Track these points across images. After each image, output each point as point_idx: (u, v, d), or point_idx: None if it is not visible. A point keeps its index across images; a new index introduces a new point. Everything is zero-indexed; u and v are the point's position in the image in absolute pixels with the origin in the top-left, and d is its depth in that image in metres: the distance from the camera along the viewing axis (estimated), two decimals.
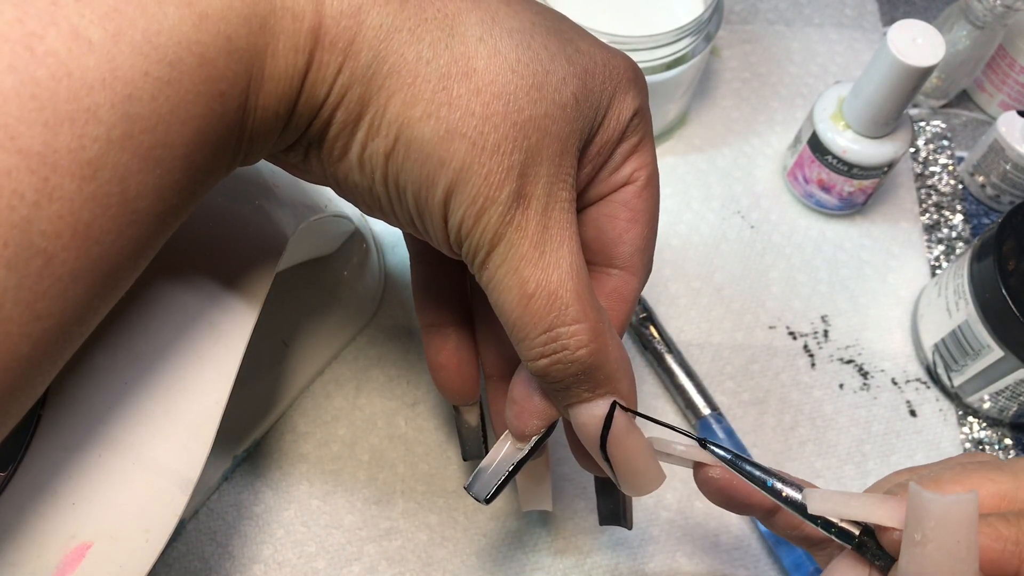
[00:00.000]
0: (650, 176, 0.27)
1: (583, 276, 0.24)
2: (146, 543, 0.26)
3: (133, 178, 0.19)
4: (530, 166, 0.22)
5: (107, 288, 0.20)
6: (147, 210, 0.19)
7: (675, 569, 0.39)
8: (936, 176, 0.50)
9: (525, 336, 0.24)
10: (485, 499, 0.27)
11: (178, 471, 0.27)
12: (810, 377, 0.44)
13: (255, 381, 0.40)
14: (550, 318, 0.23)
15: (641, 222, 0.27)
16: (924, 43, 0.39)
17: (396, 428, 0.41)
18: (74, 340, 0.20)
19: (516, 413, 0.27)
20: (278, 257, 0.30)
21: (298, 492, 0.39)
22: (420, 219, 0.24)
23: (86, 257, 0.18)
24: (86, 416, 0.25)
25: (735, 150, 0.50)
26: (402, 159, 0.22)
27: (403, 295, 0.45)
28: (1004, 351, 0.38)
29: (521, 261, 0.23)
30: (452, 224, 0.23)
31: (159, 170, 0.19)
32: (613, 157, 0.26)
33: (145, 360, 0.26)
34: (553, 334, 0.23)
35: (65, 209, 0.17)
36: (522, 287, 0.23)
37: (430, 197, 0.23)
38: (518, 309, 0.23)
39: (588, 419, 0.25)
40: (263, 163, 0.32)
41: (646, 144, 0.27)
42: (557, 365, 0.24)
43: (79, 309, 0.19)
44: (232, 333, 0.28)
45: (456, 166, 0.22)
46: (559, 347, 0.23)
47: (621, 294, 0.27)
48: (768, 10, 0.56)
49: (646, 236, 0.27)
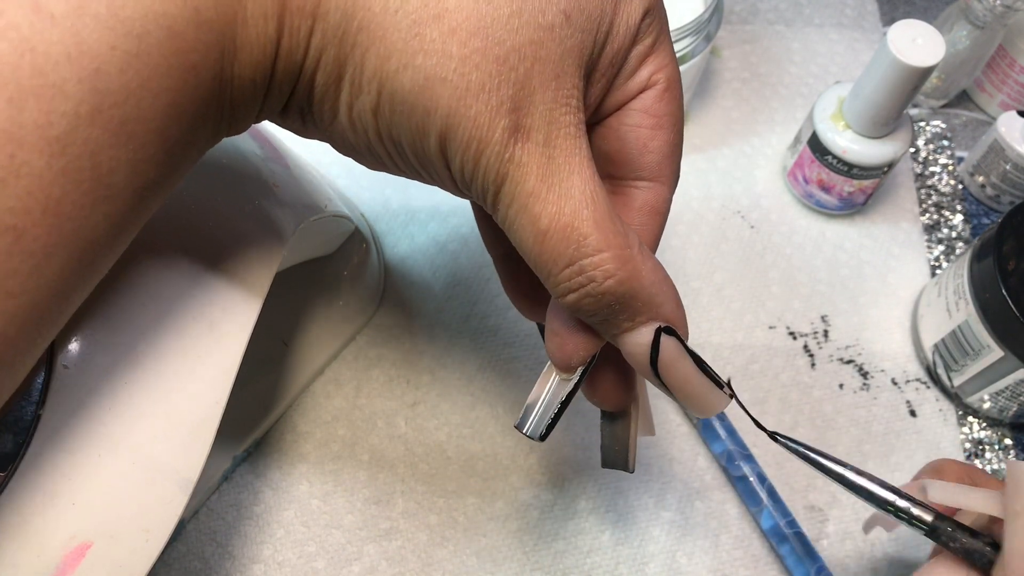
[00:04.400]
0: (670, 78, 0.25)
1: (601, 201, 0.22)
2: (146, 543, 0.26)
3: (105, 153, 0.18)
4: (522, 98, 0.21)
5: (84, 265, 0.20)
6: (122, 185, 0.19)
7: (675, 569, 0.39)
8: (936, 176, 0.50)
9: (548, 273, 0.23)
10: (540, 436, 0.26)
11: (178, 471, 0.27)
12: (810, 377, 0.44)
13: (255, 381, 0.40)
14: (570, 252, 0.22)
15: (666, 127, 0.25)
16: (924, 43, 0.39)
17: (396, 428, 0.41)
18: (53, 318, 0.20)
19: (558, 344, 0.26)
20: (278, 257, 0.30)
21: (298, 492, 0.39)
22: (424, 170, 0.23)
23: (58, 233, 0.18)
24: (86, 416, 0.25)
25: (735, 150, 0.50)
26: (389, 114, 0.21)
27: (403, 295, 0.45)
28: (1004, 351, 0.38)
29: (529, 198, 0.22)
30: (454, 171, 0.22)
31: (132, 144, 0.19)
32: (627, 62, 0.24)
33: (145, 360, 0.26)
34: (576, 267, 0.22)
35: (34, 185, 0.17)
36: (535, 224, 0.22)
37: (426, 148, 0.22)
38: (536, 247, 0.22)
39: (634, 348, 0.24)
40: (263, 163, 0.33)
41: (662, 44, 0.25)
42: (587, 299, 0.23)
43: (55, 286, 0.19)
44: (232, 333, 0.28)
45: (443, 112, 0.21)
46: (585, 280, 0.22)
47: (653, 207, 0.26)
48: (768, 10, 0.56)
49: (673, 142, 0.26)
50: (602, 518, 0.40)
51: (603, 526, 0.39)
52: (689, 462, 0.41)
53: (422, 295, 0.44)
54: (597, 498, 0.40)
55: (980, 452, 0.42)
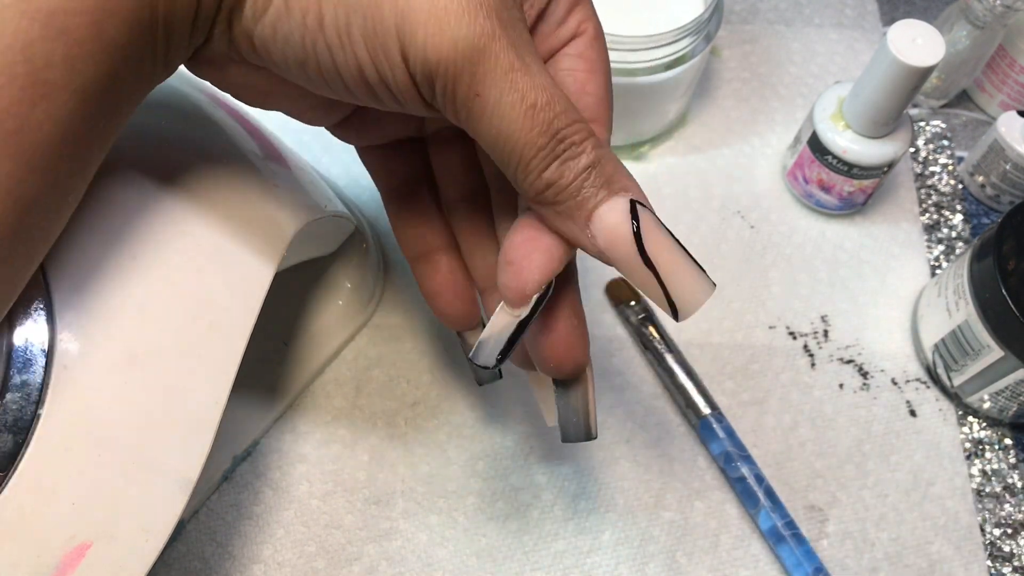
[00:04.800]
0: (597, 27, 0.26)
1: (559, 86, 0.23)
2: (146, 543, 0.26)
3: (37, 46, 0.18)
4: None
5: (37, 171, 0.19)
6: (59, 83, 0.19)
7: (675, 569, 0.39)
8: (936, 176, 0.50)
9: (537, 149, 0.22)
10: (496, 359, 0.26)
11: (178, 471, 0.27)
12: (810, 377, 0.44)
13: (255, 381, 0.40)
14: (555, 123, 0.22)
15: (600, 71, 0.26)
16: (924, 43, 0.39)
17: (396, 428, 0.41)
18: (18, 232, 0.20)
19: (514, 272, 0.25)
20: (278, 257, 0.30)
21: (298, 492, 0.39)
22: (374, 65, 0.22)
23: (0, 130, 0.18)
24: (85, 416, 0.25)
25: (735, 150, 0.50)
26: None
27: (403, 295, 0.45)
28: (1004, 351, 0.38)
29: (514, 73, 0.21)
30: (415, 53, 0.21)
31: (65, 38, 0.19)
32: (555, 10, 0.25)
33: (145, 360, 0.26)
34: (559, 135, 0.22)
35: None
36: (524, 99, 0.21)
37: (378, 24, 0.20)
38: (526, 124, 0.22)
39: (616, 217, 0.23)
40: (263, 163, 0.33)
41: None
42: (568, 163, 0.22)
43: (6, 191, 0.19)
44: (232, 333, 0.28)
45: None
46: (567, 144, 0.22)
47: None
48: (768, 10, 0.56)
49: (606, 86, 0.26)
50: (602, 518, 0.40)
51: (603, 526, 0.39)
52: (689, 462, 0.41)
53: (422, 295, 0.44)
54: (597, 498, 0.40)
55: (980, 452, 0.42)
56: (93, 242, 0.26)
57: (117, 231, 0.26)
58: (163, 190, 0.28)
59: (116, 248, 0.26)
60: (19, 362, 0.24)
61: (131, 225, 0.27)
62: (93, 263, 0.26)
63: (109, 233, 0.26)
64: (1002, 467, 0.42)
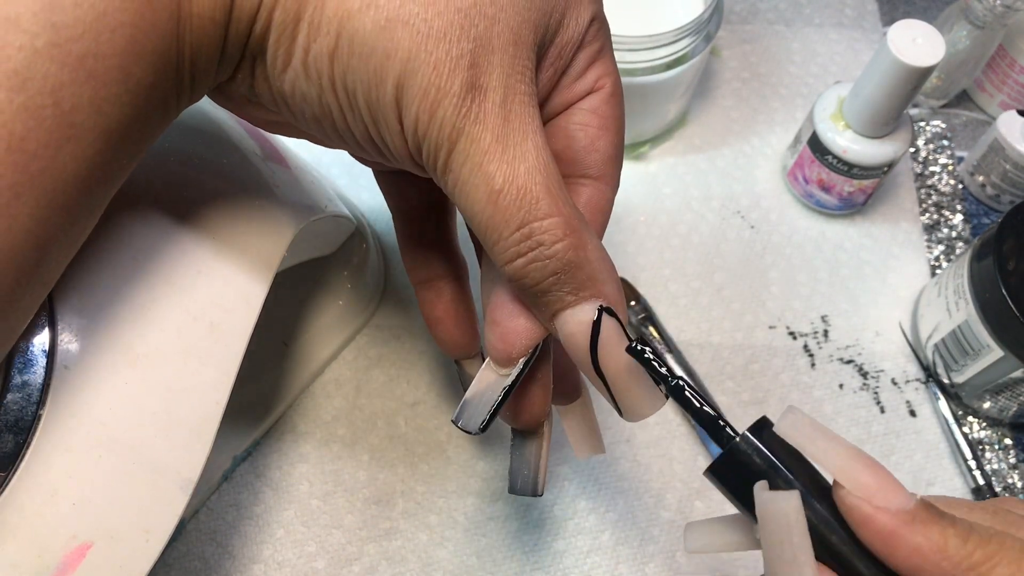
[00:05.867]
0: (615, 84, 0.26)
1: (552, 170, 0.22)
2: (146, 543, 0.26)
3: (66, 90, 0.18)
4: (481, 55, 0.21)
5: (57, 209, 0.20)
6: (86, 125, 0.19)
7: (675, 569, 0.39)
8: (936, 176, 0.50)
9: (499, 237, 0.22)
10: (479, 428, 0.26)
11: (178, 471, 0.27)
12: (810, 377, 0.44)
13: (255, 381, 0.40)
14: (521, 214, 0.22)
15: (612, 130, 0.26)
16: (924, 43, 0.39)
17: (396, 428, 0.41)
18: (33, 267, 0.20)
19: (500, 335, 0.25)
20: (278, 257, 0.30)
21: (298, 492, 0.39)
22: (375, 126, 0.23)
23: (25, 172, 0.18)
24: (86, 416, 0.25)
25: (735, 150, 0.50)
26: (347, 57, 0.21)
27: (403, 295, 0.45)
28: (1004, 351, 0.38)
29: (484, 156, 0.21)
30: (408, 124, 0.22)
31: (93, 82, 0.19)
32: (575, 64, 0.25)
33: (145, 360, 0.26)
34: (526, 230, 0.22)
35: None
36: (489, 183, 0.22)
37: (381, 96, 0.21)
38: (488, 208, 0.22)
39: (575, 327, 0.24)
40: (263, 163, 0.33)
41: (607, 52, 0.26)
42: (534, 264, 0.23)
43: (29, 230, 0.19)
44: (232, 333, 0.28)
45: (402, 56, 0.21)
46: (534, 243, 0.22)
47: (597, 204, 0.26)
48: (768, 10, 0.56)
49: (617, 145, 0.26)
50: (602, 518, 0.40)
51: (603, 526, 0.39)
52: (689, 462, 0.41)
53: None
54: (597, 498, 0.40)
55: (980, 452, 0.42)
56: (94, 244, 0.26)
57: (118, 233, 0.26)
58: (163, 191, 0.28)
59: (116, 249, 0.26)
60: (20, 363, 0.24)
61: (131, 227, 0.27)
62: (94, 265, 0.26)
63: (110, 235, 0.26)
64: (1002, 467, 0.42)
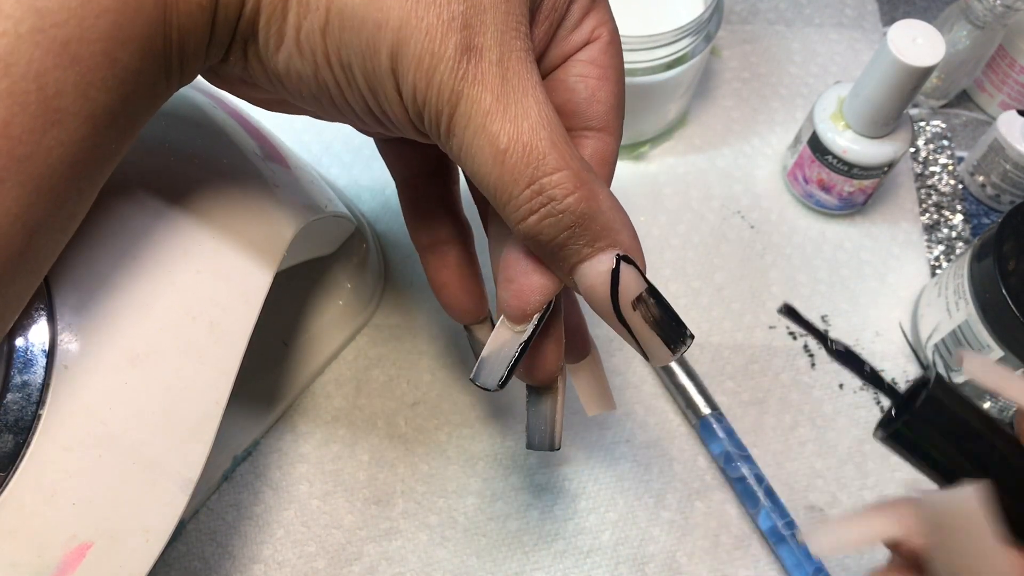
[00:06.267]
0: (612, 32, 0.26)
1: (556, 124, 0.22)
2: (146, 543, 0.26)
3: (50, 75, 0.18)
4: (473, 16, 0.21)
5: (44, 195, 0.20)
6: (71, 109, 0.19)
7: (675, 569, 0.39)
8: (936, 176, 0.50)
9: (509, 196, 0.22)
10: (498, 384, 0.26)
11: (178, 471, 0.27)
12: (810, 377, 0.44)
13: (255, 381, 0.40)
14: (529, 171, 0.22)
15: (611, 79, 0.26)
16: (924, 43, 0.39)
17: (396, 428, 0.41)
18: (22, 253, 0.20)
19: (514, 292, 0.25)
20: (278, 257, 0.30)
21: (298, 492, 0.39)
22: (374, 97, 0.22)
23: (10, 157, 0.18)
24: (86, 416, 0.25)
25: (735, 150, 0.50)
26: (339, 32, 0.21)
27: (403, 295, 0.45)
28: (1004, 351, 0.38)
29: (486, 117, 0.21)
30: (406, 93, 0.22)
31: (78, 67, 0.19)
32: (569, 15, 0.25)
33: (145, 360, 0.26)
34: (536, 187, 0.22)
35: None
36: (494, 144, 0.21)
37: (376, 67, 0.21)
38: (496, 168, 0.22)
39: (595, 278, 0.23)
40: (263, 163, 0.33)
41: (601, 1, 0.26)
42: (547, 219, 0.22)
43: (17, 215, 0.19)
44: (232, 332, 0.28)
45: (394, 25, 0.21)
46: (545, 199, 0.22)
47: (602, 156, 0.26)
48: (768, 10, 0.56)
49: (618, 94, 0.26)
50: (602, 518, 0.40)
51: (603, 526, 0.39)
52: (689, 462, 0.41)
53: (422, 295, 0.44)
54: (597, 498, 0.40)
55: None
56: (93, 243, 0.26)
57: (117, 232, 0.26)
58: (163, 191, 0.28)
59: (116, 249, 0.26)
60: (20, 362, 0.24)
61: (131, 226, 0.27)
62: (93, 264, 0.26)
63: (109, 234, 0.26)
64: None
